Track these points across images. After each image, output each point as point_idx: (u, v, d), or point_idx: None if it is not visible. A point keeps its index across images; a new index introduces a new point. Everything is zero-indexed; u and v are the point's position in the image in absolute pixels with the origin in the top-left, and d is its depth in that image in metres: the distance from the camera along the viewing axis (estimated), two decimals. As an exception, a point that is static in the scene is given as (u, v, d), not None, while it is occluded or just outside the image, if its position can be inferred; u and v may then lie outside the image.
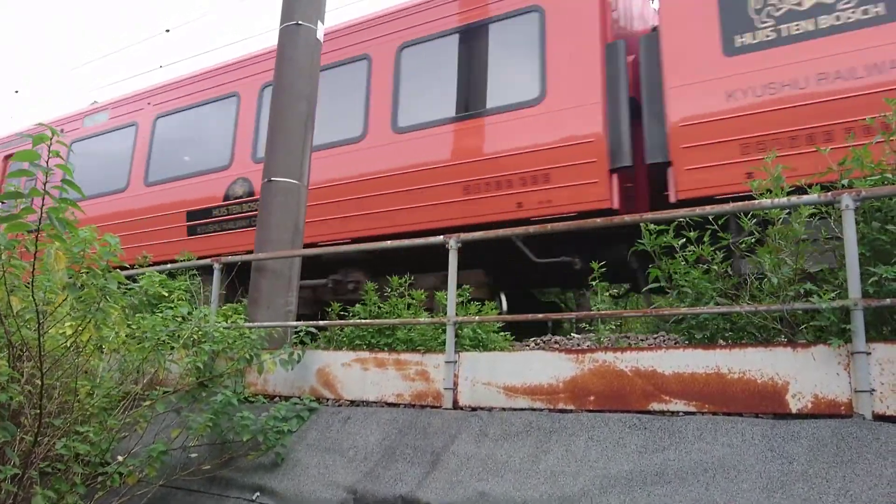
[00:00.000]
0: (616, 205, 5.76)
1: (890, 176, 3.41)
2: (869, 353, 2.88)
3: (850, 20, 4.99)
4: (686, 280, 3.72)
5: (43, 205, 2.59)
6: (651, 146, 5.70)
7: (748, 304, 3.41)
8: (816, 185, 3.44)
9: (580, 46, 6.15)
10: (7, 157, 11.09)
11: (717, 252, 3.69)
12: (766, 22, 5.29)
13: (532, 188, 6.14)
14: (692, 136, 5.45)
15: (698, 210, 3.55)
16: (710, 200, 5.05)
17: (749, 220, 3.66)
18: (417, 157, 6.83)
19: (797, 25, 5.18)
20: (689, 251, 3.73)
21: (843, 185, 3.54)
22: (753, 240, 3.61)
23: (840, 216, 3.12)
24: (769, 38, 5.25)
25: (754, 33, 5.31)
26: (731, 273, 3.74)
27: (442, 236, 4.25)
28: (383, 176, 7.00)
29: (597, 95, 5.96)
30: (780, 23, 5.24)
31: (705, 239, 3.71)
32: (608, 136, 5.86)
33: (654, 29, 6.13)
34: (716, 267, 3.69)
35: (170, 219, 8.78)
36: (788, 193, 3.55)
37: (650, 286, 3.99)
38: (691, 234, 3.77)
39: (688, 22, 5.64)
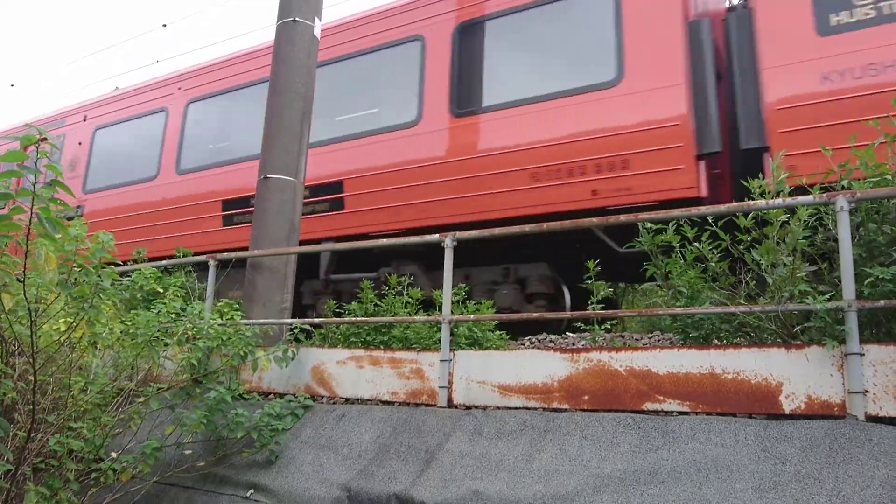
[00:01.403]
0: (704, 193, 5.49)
1: (889, 178, 3.40)
2: (863, 355, 2.89)
3: None
4: (682, 279, 3.72)
5: (33, 204, 2.57)
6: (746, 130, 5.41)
7: (743, 304, 3.41)
8: (815, 185, 3.43)
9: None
10: None
11: (714, 251, 3.69)
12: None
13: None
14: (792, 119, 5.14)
15: (694, 210, 3.55)
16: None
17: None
18: None
19: None
20: (689, 250, 3.73)
21: (842, 187, 3.54)
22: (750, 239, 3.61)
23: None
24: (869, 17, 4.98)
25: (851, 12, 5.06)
26: (728, 273, 3.74)
27: (438, 234, 4.25)
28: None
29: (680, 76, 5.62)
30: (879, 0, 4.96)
31: (703, 238, 3.70)
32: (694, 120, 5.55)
33: (732, 9, 5.90)
34: (713, 265, 3.69)
35: None
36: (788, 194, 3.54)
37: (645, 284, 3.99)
38: (690, 232, 3.76)
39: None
